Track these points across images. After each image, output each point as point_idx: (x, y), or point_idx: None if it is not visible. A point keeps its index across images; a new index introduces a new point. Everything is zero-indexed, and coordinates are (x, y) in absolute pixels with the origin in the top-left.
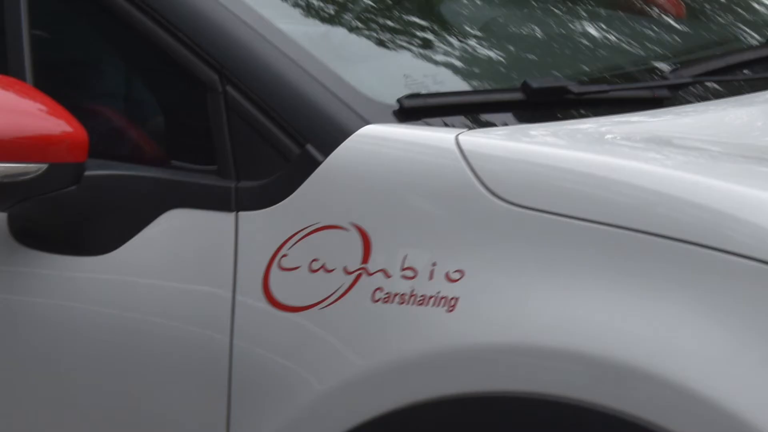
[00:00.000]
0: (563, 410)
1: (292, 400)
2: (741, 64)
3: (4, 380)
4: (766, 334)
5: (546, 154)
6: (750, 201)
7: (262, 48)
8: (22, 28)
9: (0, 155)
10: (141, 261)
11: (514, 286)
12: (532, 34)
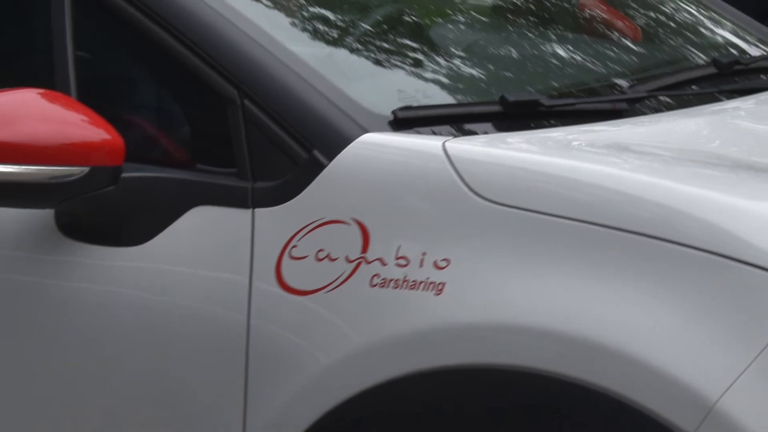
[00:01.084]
0: (536, 381)
1: (301, 371)
2: (689, 81)
3: (51, 357)
4: (713, 315)
5: (521, 158)
6: (698, 199)
7: (275, 66)
8: (67, 50)
9: (48, 160)
10: (170, 251)
11: (494, 273)
12: (509, 54)
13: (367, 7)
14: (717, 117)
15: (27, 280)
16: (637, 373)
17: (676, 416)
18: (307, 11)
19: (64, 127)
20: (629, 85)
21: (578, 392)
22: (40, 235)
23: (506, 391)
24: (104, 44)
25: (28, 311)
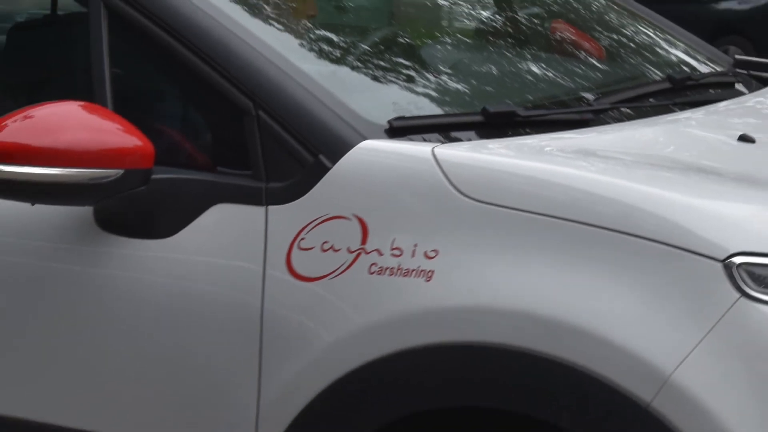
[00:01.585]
0: (513, 356)
1: (307, 347)
2: (647, 94)
3: (90, 335)
4: (667, 298)
5: (500, 162)
6: (654, 197)
7: (286, 82)
8: (104, 68)
9: (87, 163)
10: (194, 243)
11: (477, 262)
12: (489, 71)
13: (366, 30)
14: (671, 126)
15: (69, 268)
16: (601, 349)
17: (635, 387)
18: (313, 33)
19: (101, 134)
20: (594, 98)
21: (550, 366)
22: (81, 229)
23: (488, 365)
24: (136, 62)
25: (70, 295)
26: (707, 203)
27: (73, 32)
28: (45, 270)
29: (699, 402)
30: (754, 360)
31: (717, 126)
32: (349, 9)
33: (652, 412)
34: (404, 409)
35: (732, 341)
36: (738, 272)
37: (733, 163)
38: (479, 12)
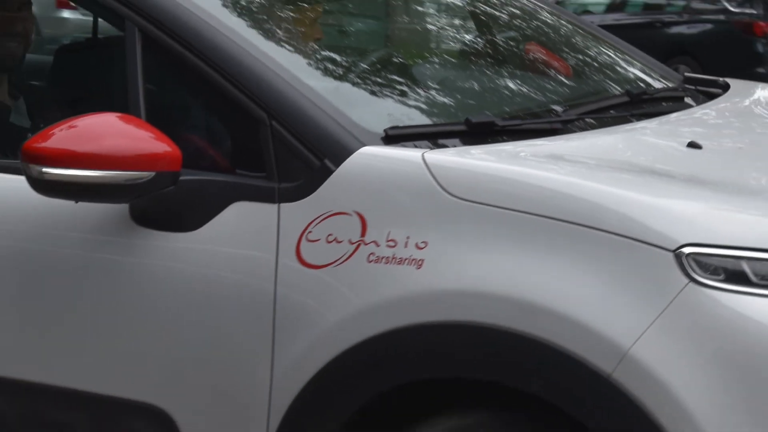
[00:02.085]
0: (492, 333)
1: (314, 326)
2: (608, 107)
3: (126, 316)
4: (625, 283)
5: (481, 165)
6: (614, 196)
7: (295, 96)
8: (138, 83)
9: (124, 166)
10: (217, 235)
11: (461, 252)
12: (472, 86)
13: (364, 51)
14: (629, 134)
15: (108, 257)
16: (568, 327)
17: (597, 360)
18: (319, 54)
19: (136, 141)
20: (562, 109)
21: (524, 342)
22: (118, 224)
23: (470, 341)
24: (166, 79)
25: (110, 279)
26: (660, 201)
27: (112, 53)
28: (88, 259)
29: (654, 374)
30: (702, 337)
31: (669, 134)
32: (349, 33)
33: (613, 383)
34: (398, 379)
35: (682, 321)
36: (687, 261)
37: (683, 167)
38: (463, 35)
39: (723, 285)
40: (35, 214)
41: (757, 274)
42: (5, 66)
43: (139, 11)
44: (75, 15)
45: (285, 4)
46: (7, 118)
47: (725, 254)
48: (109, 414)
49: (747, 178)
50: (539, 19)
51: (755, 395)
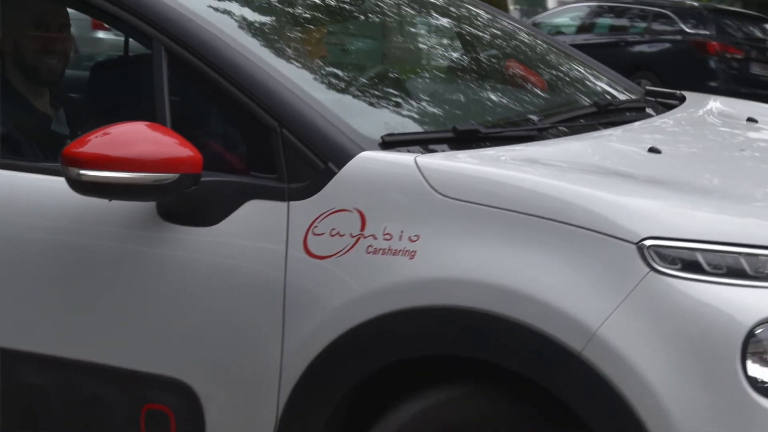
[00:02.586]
0: (476, 315)
1: (319, 310)
2: (578, 116)
3: (155, 300)
4: (593, 272)
5: (467, 168)
6: (583, 194)
7: (303, 107)
8: (164, 96)
9: (152, 169)
10: (234, 229)
11: (449, 245)
12: (458, 98)
13: (364, 67)
14: (597, 140)
15: (138, 248)
16: (542, 310)
17: (569, 339)
18: (324, 70)
19: (162, 147)
20: (538, 119)
21: (504, 323)
22: (146, 219)
23: (457, 323)
24: (189, 92)
25: (139, 268)
26: (624, 199)
27: (141, 69)
28: (120, 250)
29: (619, 352)
30: (661, 319)
31: (632, 141)
32: (351, 51)
33: (583, 360)
34: (393, 356)
35: (644, 305)
36: (648, 252)
37: (644, 169)
38: (450, 53)
39: (680, 273)
40: (74, 211)
41: (709, 264)
42: (47, 80)
43: (165, 32)
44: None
45: (293, 26)
46: (48, 126)
47: (682, 246)
48: (138, 387)
49: (701, 179)
50: (518, 39)
51: (709, 369)
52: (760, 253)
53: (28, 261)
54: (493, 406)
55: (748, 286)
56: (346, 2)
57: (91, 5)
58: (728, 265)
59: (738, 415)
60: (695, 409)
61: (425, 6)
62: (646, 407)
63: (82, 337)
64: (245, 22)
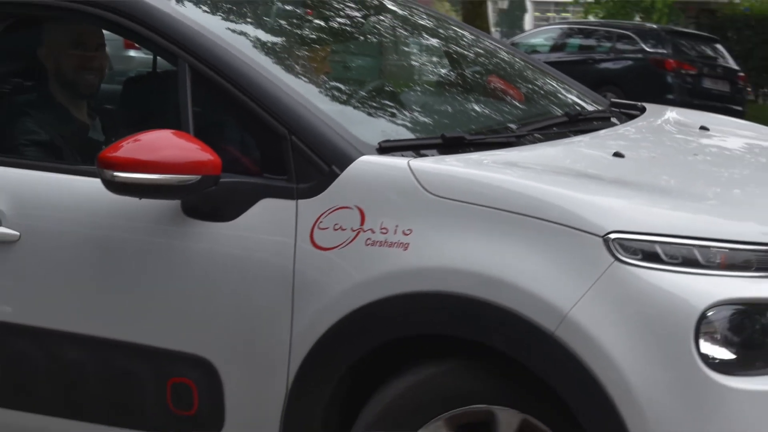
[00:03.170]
0: (462, 299)
1: (324, 295)
2: (551, 125)
3: (180, 285)
4: (565, 262)
5: (453, 170)
6: (555, 193)
7: (309, 116)
8: (188, 106)
9: (177, 171)
10: (249, 224)
11: (438, 238)
12: (446, 109)
13: (363, 81)
14: (568, 146)
15: (164, 241)
16: (520, 294)
17: (543, 320)
18: (328, 84)
19: (186, 152)
20: (516, 127)
21: (487, 306)
22: (172, 215)
23: (444, 306)
24: (209, 103)
25: (164, 260)
26: (592, 198)
27: (167, 83)
28: (149, 242)
29: (587, 332)
30: (624, 303)
31: (599, 146)
32: (351, 68)
33: (556, 339)
34: (389, 335)
35: (609, 291)
36: (613, 244)
37: (610, 171)
38: (439, 70)
39: (640, 263)
40: (108, 208)
41: (666, 254)
42: (85, 93)
43: (189, 51)
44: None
45: (301, 46)
46: (86, 134)
47: (642, 239)
48: (164, 362)
49: (659, 180)
50: (498, 57)
51: (666, 347)
52: (711, 245)
53: (68, 252)
54: (477, 381)
55: (700, 274)
56: (348, 25)
57: (124, 27)
58: (683, 255)
59: (692, 387)
60: (654, 382)
61: (417, 28)
62: (611, 381)
63: (116, 318)
64: (259, 42)
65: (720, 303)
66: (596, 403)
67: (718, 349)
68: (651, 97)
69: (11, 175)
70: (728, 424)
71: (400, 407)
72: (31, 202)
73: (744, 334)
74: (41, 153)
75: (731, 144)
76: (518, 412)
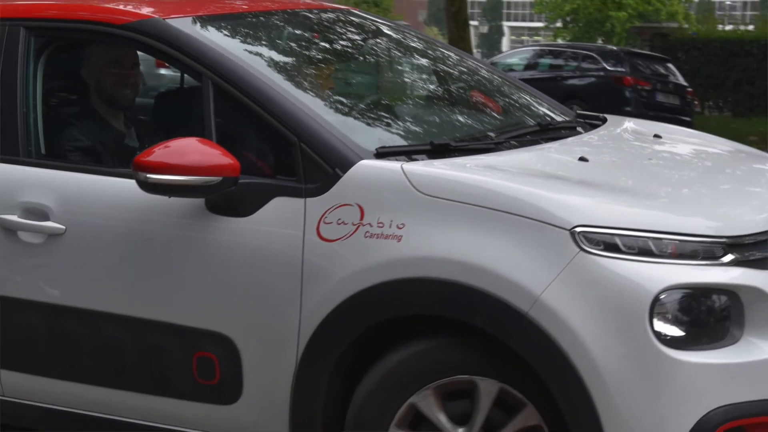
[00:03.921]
0: (448, 284)
1: (328, 281)
2: (525, 133)
3: (204, 272)
4: (537, 252)
5: (441, 172)
6: (529, 192)
7: (316, 126)
8: (211, 117)
9: (201, 173)
10: (264, 219)
11: (428, 231)
12: (435, 120)
13: (362, 96)
14: (539, 152)
15: (191, 234)
16: (498, 280)
17: (518, 302)
18: (332, 98)
19: (209, 157)
20: (495, 135)
21: (470, 290)
22: (197, 211)
23: (433, 290)
24: (229, 115)
25: (191, 250)
26: (560, 196)
27: (193, 97)
28: (177, 235)
29: (556, 312)
30: (588, 288)
31: (566, 152)
32: (352, 84)
33: (530, 318)
34: (384, 315)
35: (575, 277)
36: (578, 237)
37: (576, 174)
38: (428, 85)
39: (602, 253)
40: (142, 205)
41: (625, 245)
42: (122, 106)
43: (212, 69)
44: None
45: (309, 65)
46: (123, 141)
47: (604, 232)
48: (190, 339)
49: (619, 181)
50: (479, 75)
51: (624, 325)
52: (663, 237)
53: (108, 243)
54: (461, 354)
55: (654, 263)
56: (349, 47)
57: (156, 49)
58: (639, 246)
59: (647, 360)
60: (614, 355)
61: (409, 49)
62: (577, 354)
63: (149, 300)
64: (272, 61)
65: (671, 287)
66: (564, 374)
67: (670, 327)
68: (611, 110)
69: (58, 176)
70: (677, 391)
71: (395, 377)
72: (76, 200)
73: (692, 314)
74: (84, 158)
75: (681, 150)
76: (497, 382)
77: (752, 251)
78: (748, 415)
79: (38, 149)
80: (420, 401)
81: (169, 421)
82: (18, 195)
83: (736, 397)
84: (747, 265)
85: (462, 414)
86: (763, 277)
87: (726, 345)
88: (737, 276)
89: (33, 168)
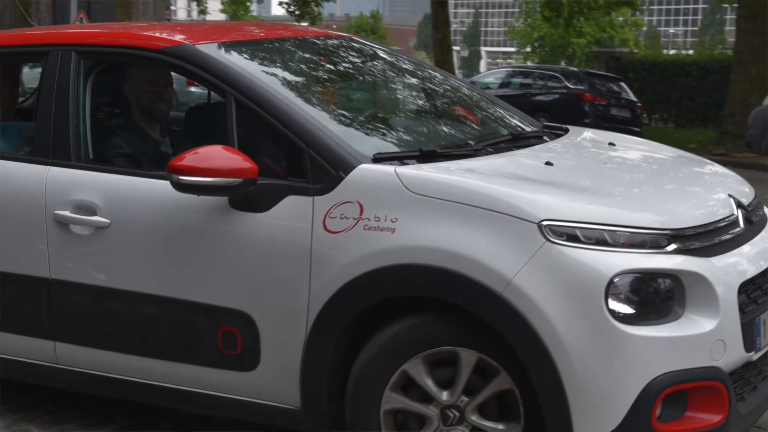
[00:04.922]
0: (434, 269)
1: (332, 266)
2: (500, 141)
3: (225, 260)
4: (511, 242)
5: (428, 175)
6: (503, 191)
7: (322, 135)
8: (233, 128)
9: (225, 175)
10: (279, 214)
11: (418, 224)
12: (423, 130)
13: (361, 109)
14: (512, 157)
15: (215, 227)
16: (476, 266)
17: (493, 284)
18: (336, 111)
19: (231, 161)
20: (474, 143)
21: (453, 274)
22: (221, 208)
23: (422, 274)
24: (249, 126)
25: (215, 240)
26: (529, 195)
27: (218, 111)
28: (204, 228)
29: (526, 293)
30: (553, 273)
31: (534, 157)
32: (353, 99)
33: (504, 298)
34: (381, 295)
35: (542, 264)
36: (545, 229)
37: (543, 176)
38: (418, 101)
39: (565, 243)
40: (175, 203)
41: (584, 236)
42: (158, 118)
43: (234, 87)
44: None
45: (316, 83)
46: (158, 148)
47: (567, 225)
48: (216, 316)
49: (579, 182)
50: (461, 92)
51: (584, 304)
52: (617, 230)
53: (145, 235)
54: (445, 329)
55: (609, 251)
56: (350, 68)
57: (186, 70)
58: (596, 237)
59: (603, 333)
60: (575, 330)
61: (401, 71)
62: (544, 329)
63: (181, 283)
64: (285, 80)
65: (623, 272)
66: (533, 345)
67: (622, 305)
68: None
69: (104, 178)
70: (629, 359)
71: (390, 347)
72: (119, 198)
73: (641, 294)
74: (126, 162)
75: (632, 156)
76: (476, 352)
77: (692, 242)
78: (688, 380)
79: (87, 155)
80: (411, 368)
81: (197, 385)
82: (70, 194)
83: (678, 365)
84: (688, 253)
85: (446, 379)
86: (701, 263)
87: (670, 321)
88: (679, 262)
89: (83, 171)
